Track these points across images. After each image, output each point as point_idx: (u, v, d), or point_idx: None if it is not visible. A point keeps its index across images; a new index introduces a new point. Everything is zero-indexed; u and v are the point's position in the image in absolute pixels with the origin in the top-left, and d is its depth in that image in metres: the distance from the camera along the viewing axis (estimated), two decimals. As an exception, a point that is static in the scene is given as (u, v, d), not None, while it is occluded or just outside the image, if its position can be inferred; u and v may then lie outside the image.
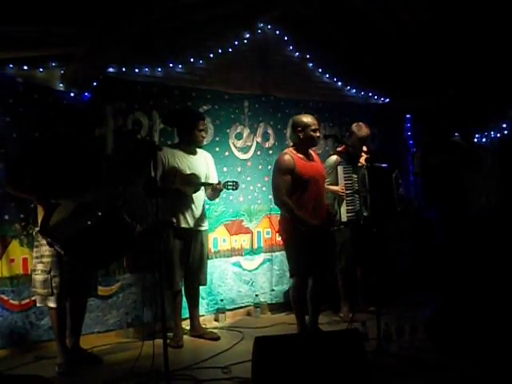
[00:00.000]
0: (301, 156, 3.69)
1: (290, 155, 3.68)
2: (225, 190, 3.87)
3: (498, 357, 3.14)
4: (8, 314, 3.59)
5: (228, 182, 3.86)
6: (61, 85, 3.81)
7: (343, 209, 4.20)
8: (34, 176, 3.21)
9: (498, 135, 5.28)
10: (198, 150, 3.94)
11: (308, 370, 2.56)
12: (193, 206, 3.81)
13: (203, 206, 3.92)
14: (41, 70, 3.76)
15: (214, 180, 3.93)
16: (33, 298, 3.63)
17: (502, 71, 4.66)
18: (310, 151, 3.80)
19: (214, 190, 3.83)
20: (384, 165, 4.18)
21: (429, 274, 4.73)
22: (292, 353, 2.62)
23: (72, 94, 3.83)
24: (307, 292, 3.78)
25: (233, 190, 3.89)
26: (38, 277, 3.21)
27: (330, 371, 2.56)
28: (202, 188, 3.85)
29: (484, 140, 5.37)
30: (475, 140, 5.46)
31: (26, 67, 3.69)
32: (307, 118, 3.74)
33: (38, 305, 3.32)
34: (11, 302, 3.61)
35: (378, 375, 2.94)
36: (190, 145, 3.86)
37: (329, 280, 4.24)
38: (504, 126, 5.25)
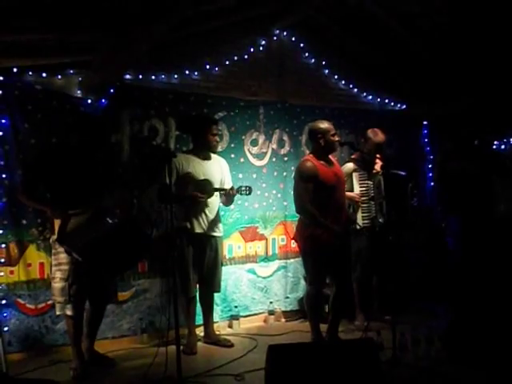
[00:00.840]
0: (322, 162, 3.67)
1: (312, 162, 3.64)
2: (239, 195, 3.87)
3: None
4: (24, 317, 3.64)
5: (241, 187, 3.86)
6: (78, 91, 3.86)
7: (359, 215, 4.18)
8: (47, 185, 3.26)
9: (518, 143, 5.20)
10: (213, 156, 3.95)
11: (322, 379, 2.54)
12: (207, 211, 3.81)
13: (217, 211, 3.92)
14: (59, 77, 3.81)
15: (228, 185, 3.93)
16: (49, 303, 3.68)
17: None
18: (330, 157, 3.79)
19: (228, 196, 3.83)
20: (402, 172, 4.13)
21: (444, 283, 4.66)
22: (306, 361, 2.60)
23: (89, 101, 3.87)
24: (329, 300, 3.75)
25: (246, 194, 3.89)
26: (57, 285, 3.24)
27: (344, 380, 2.53)
28: (217, 194, 3.85)
29: (503, 147, 5.28)
30: (494, 147, 5.37)
31: (44, 74, 3.75)
32: (324, 124, 3.72)
33: (57, 313, 3.34)
34: (28, 305, 3.66)
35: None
36: (204, 150, 3.86)
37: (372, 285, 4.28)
38: (524, 133, 5.16)
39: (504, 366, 3.13)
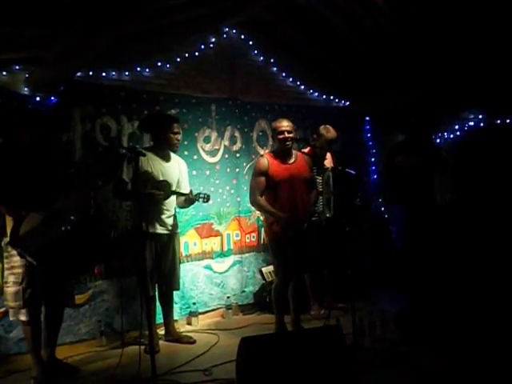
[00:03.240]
0: (278, 159, 3.82)
1: (265, 158, 3.84)
2: (196, 201, 3.89)
3: (464, 345, 3.35)
4: (-25, 327, 3.46)
5: (200, 194, 3.88)
6: (25, 89, 3.69)
7: None
8: (1, 184, 3.10)
9: (451, 136, 5.58)
10: (172, 156, 3.92)
11: (293, 367, 2.63)
12: (164, 210, 3.79)
13: (175, 210, 3.92)
14: (4, 73, 3.64)
15: (185, 187, 3.92)
16: (0, 311, 3.51)
17: (454, 73, 4.92)
18: (298, 154, 3.94)
19: (186, 201, 3.84)
20: (352, 172, 4.30)
21: (391, 269, 4.93)
22: (277, 351, 2.68)
23: (38, 99, 3.72)
24: (289, 290, 3.86)
25: (204, 202, 3.92)
26: (10, 289, 3.09)
27: (315, 368, 2.64)
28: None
29: (438, 141, 5.65)
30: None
31: (-13, 71, 3.57)
32: (275, 123, 3.90)
33: (10, 318, 3.20)
34: (-22, 315, 3.47)
35: (357, 369, 3.05)
36: (164, 149, 3.83)
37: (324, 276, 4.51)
38: (456, 127, 5.55)
39: (451, 343, 3.40)
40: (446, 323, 3.69)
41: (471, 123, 5.46)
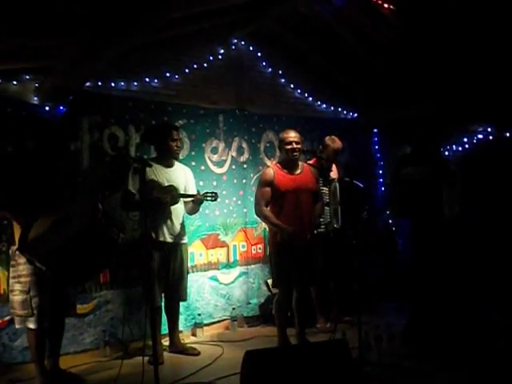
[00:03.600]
0: (285, 170, 3.81)
1: (272, 169, 3.83)
2: (204, 201, 3.88)
3: (473, 360, 3.29)
4: (-21, 336, 3.45)
5: (207, 192, 3.87)
6: (35, 98, 3.74)
7: None
8: (8, 192, 3.11)
9: (460, 149, 5.55)
10: (176, 164, 3.93)
11: (298, 381, 2.59)
12: (173, 218, 3.79)
13: (183, 219, 3.91)
14: (14, 83, 3.68)
15: (193, 193, 3.93)
16: (5, 319, 3.52)
17: (463, 85, 4.91)
18: (304, 165, 3.92)
19: (195, 202, 3.83)
20: (360, 184, 4.28)
21: (397, 282, 4.87)
22: (282, 365, 2.65)
23: (47, 108, 3.75)
24: (293, 303, 3.83)
25: (212, 200, 3.91)
26: (17, 297, 3.09)
27: (320, 382, 2.60)
28: (181, 201, 3.84)
29: (447, 153, 5.62)
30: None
31: (-1, 80, 3.61)
32: (283, 134, 3.87)
33: (16, 326, 3.19)
34: (-17, 323, 3.48)
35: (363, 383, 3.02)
36: (167, 158, 3.84)
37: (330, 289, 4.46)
38: (465, 140, 5.51)
39: (458, 357, 3.34)
40: (453, 337, 3.63)
41: (480, 136, 5.42)
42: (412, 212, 4.61)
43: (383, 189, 5.79)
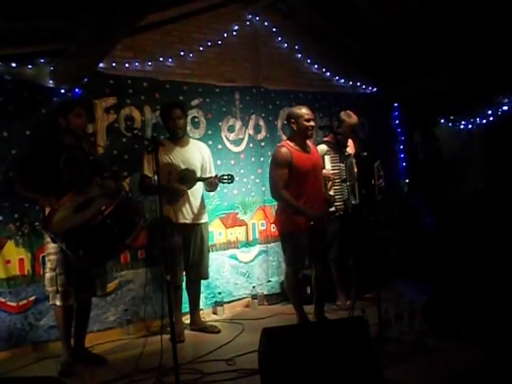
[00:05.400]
0: (297, 148, 3.68)
1: (286, 148, 3.67)
2: (220, 184, 3.86)
3: (494, 336, 3.23)
4: (6, 315, 3.54)
5: (223, 175, 3.83)
6: (50, 81, 3.74)
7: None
8: (41, 174, 3.19)
9: (484, 121, 5.38)
10: (192, 142, 3.93)
11: (315, 358, 2.59)
12: (191, 199, 3.80)
13: (202, 198, 3.92)
14: (29, 66, 3.68)
15: (210, 171, 3.92)
16: (31, 299, 3.63)
17: (487, 58, 4.73)
18: (308, 142, 3.80)
19: (210, 185, 3.82)
20: (371, 155, 4.17)
21: (421, 258, 4.81)
22: (299, 343, 2.65)
23: (62, 91, 3.76)
24: (312, 281, 3.83)
25: (228, 183, 3.87)
26: (47, 275, 3.23)
27: (338, 359, 2.59)
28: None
29: (470, 126, 5.46)
30: (461, 127, 5.55)
31: (14, 64, 3.61)
32: (300, 109, 3.74)
33: (49, 303, 3.30)
34: (9, 303, 3.56)
35: (382, 361, 2.99)
36: (177, 137, 3.82)
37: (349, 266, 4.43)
38: (489, 112, 5.34)
39: (481, 335, 3.29)
40: (476, 315, 3.57)
41: (505, 107, 5.24)
42: (428, 191, 4.55)
43: (404, 164, 5.66)
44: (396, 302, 3.83)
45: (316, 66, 5.21)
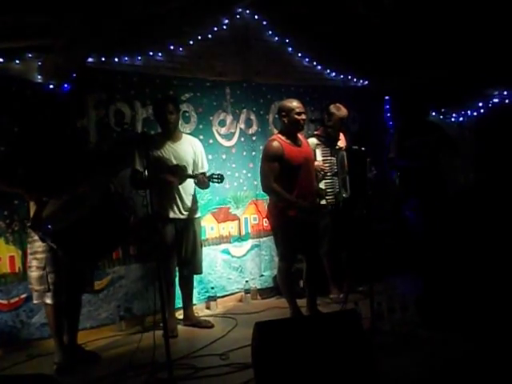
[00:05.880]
0: (289, 141, 3.68)
1: (278, 141, 3.66)
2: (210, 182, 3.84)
3: (487, 329, 3.26)
4: (-3, 313, 3.52)
5: (213, 174, 3.82)
6: (39, 77, 3.69)
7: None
8: (25, 170, 3.13)
9: (475, 113, 5.40)
10: (184, 136, 3.90)
11: (308, 352, 2.59)
12: (182, 195, 3.79)
13: (194, 193, 3.91)
14: (17, 61, 3.63)
15: (203, 167, 3.91)
16: (22, 296, 3.60)
17: (478, 50, 4.75)
18: (299, 136, 3.79)
19: (199, 183, 3.79)
20: (362, 148, 4.17)
21: (411, 252, 4.83)
22: (292, 336, 2.65)
23: (51, 86, 3.71)
24: (303, 275, 3.84)
25: (218, 182, 3.84)
26: (34, 273, 3.15)
27: (331, 352, 2.60)
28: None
29: (461, 119, 5.48)
30: (452, 119, 5.57)
31: (1, 59, 3.56)
32: (291, 103, 3.73)
33: (34, 301, 3.25)
34: (0, 301, 3.53)
35: (375, 353, 3.00)
36: (169, 132, 3.80)
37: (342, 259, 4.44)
38: (480, 104, 5.36)
39: (473, 328, 3.31)
40: (468, 307, 3.59)
41: (496, 100, 5.26)
42: (421, 190, 4.55)
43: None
44: (388, 295, 3.84)
45: (307, 60, 5.19)
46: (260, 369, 2.59)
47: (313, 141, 4.26)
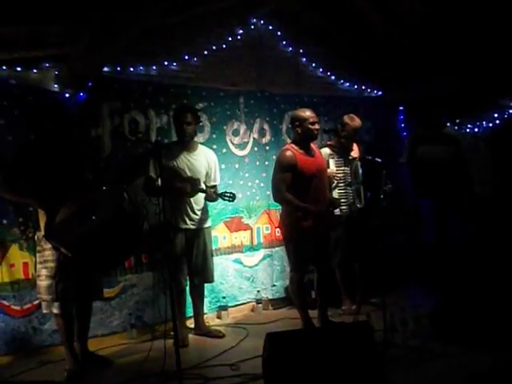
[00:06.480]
0: (302, 151, 3.67)
1: (291, 151, 3.65)
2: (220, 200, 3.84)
3: (501, 343, 3.19)
4: (10, 319, 3.54)
5: (226, 192, 3.83)
6: (55, 86, 3.75)
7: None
8: (30, 179, 3.14)
9: (490, 125, 5.34)
10: (200, 147, 3.92)
11: (320, 364, 2.57)
12: (193, 205, 3.79)
13: (205, 203, 3.90)
14: (34, 71, 3.69)
15: (215, 180, 3.91)
16: (35, 303, 3.60)
17: (492, 61, 4.71)
18: (312, 145, 3.79)
19: (208, 197, 3.80)
20: (378, 159, 4.14)
21: (425, 263, 4.77)
22: (303, 347, 2.63)
23: (67, 95, 3.77)
24: (315, 286, 3.81)
25: (229, 201, 3.85)
26: (43, 282, 3.16)
27: (342, 364, 2.57)
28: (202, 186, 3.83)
29: (476, 130, 5.42)
30: (467, 130, 5.51)
31: (19, 68, 3.62)
32: (304, 112, 3.72)
33: (44, 311, 3.26)
34: (13, 307, 3.56)
35: (387, 366, 2.96)
36: (184, 141, 3.81)
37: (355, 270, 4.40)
38: (495, 115, 5.30)
39: (487, 341, 3.25)
40: (482, 320, 3.53)
41: (511, 111, 5.20)
42: (432, 193, 4.50)
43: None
44: (401, 307, 3.79)
45: (321, 70, 5.19)
46: (270, 380, 2.58)
47: (326, 151, 4.25)
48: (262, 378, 2.77)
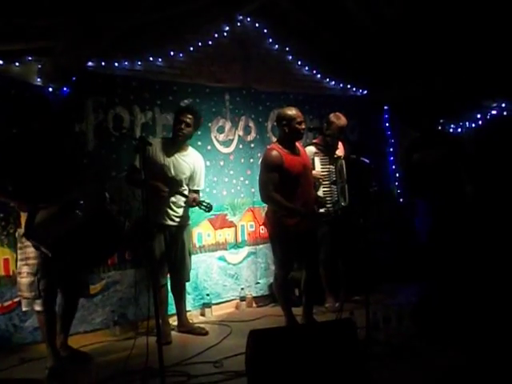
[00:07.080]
0: (287, 151, 3.65)
1: (277, 151, 3.62)
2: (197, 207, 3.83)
3: (482, 342, 3.24)
4: (-10, 316, 3.50)
5: (204, 202, 3.81)
6: (38, 80, 3.70)
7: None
8: (11, 177, 3.08)
9: (473, 125, 5.41)
10: (191, 150, 3.91)
11: (303, 361, 2.58)
12: (172, 202, 3.77)
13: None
14: (17, 64, 3.64)
15: (198, 185, 3.90)
16: (15, 300, 3.56)
17: (475, 62, 4.76)
18: (297, 144, 3.79)
19: (187, 203, 3.79)
20: (366, 160, 4.16)
21: (411, 262, 4.81)
22: (286, 345, 2.63)
23: (50, 89, 3.72)
24: (301, 284, 3.84)
25: (205, 211, 3.86)
26: (24, 280, 3.11)
27: (325, 361, 2.58)
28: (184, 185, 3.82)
29: (459, 130, 5.49)
30: (451, 130, 5.57)
31: (1, 62, 3.57)
32: (291, 111, 3.69)
33: (23, 309, 3.22)
34: (-7, 304, 3.51)
35: (369, 363, 2.99)
36: (177, 140, 3.79)
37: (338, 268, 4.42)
38: (478, 116, 5.37)
39: (468, 339, 3.29)
40: (465, 319, 3.57)
41: (494, 112, 5.27)
42: (427, 194, 4.54)
43: (394, 167, 5.69)
44: (384, 305, 3.83)
45: (307, 68, 5.21)
46: (254, 377, 2.57)
47: (311, 149, 4.26)
48: (245, 375, 2.75)
